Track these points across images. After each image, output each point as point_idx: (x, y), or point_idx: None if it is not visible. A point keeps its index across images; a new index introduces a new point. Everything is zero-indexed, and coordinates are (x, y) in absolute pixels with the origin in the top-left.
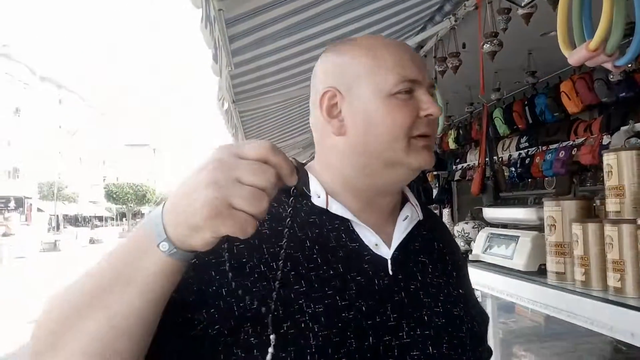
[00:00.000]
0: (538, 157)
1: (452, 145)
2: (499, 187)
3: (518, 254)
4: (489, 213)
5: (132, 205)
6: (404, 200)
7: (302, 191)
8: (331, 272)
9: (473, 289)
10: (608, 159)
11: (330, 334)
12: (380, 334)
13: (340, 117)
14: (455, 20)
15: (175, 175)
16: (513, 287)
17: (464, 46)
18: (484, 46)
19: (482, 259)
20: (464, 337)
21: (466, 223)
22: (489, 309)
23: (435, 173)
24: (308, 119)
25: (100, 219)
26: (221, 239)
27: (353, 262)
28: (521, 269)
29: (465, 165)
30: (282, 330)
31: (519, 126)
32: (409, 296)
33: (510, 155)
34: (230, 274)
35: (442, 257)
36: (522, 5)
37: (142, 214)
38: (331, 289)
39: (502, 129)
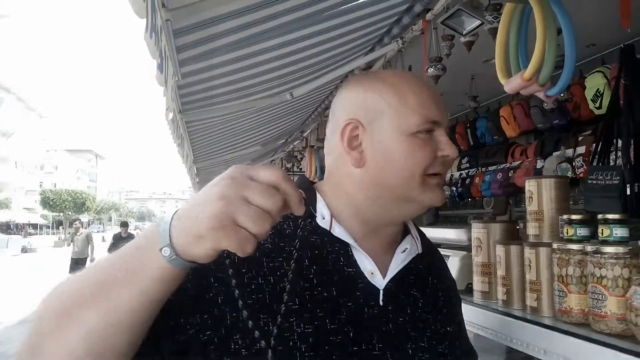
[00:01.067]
0: (478, 178)
1: None
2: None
3: None
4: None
5: (69, 213)
6: (406, 232)
7: (308, 211)
8: (325, 294)
9: (464, 326)
10: (529, 185)
11: (316, 355)
12: None
13: (361, 149)
14: (403, 44)
15: (117, 183)
16: None
17: (409, 69)
18: (428, 70)
19: None
20: None
21: None
22: None
23: None
24: (259, 130)
25: (34, 226)
26: (221, 254)
27: (347, 287)
28: None
29: None
30: (270, 347)
31: (461, 147)
32: (396, 328)
33: (452, 175)
34: (233, 281)
35: (434, 292)
36: (464, 34)
37: (81, 222)
38: (322, 311)
39: None
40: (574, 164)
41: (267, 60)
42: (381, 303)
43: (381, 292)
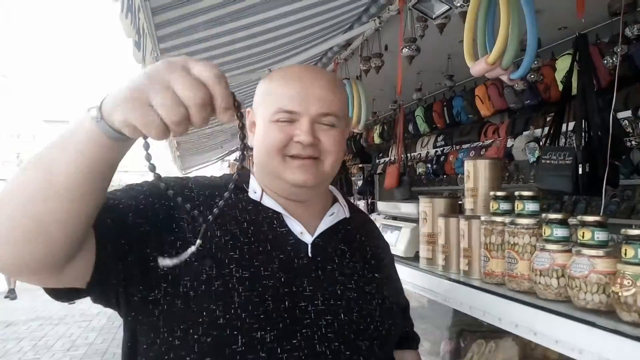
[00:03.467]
0: (452, 156)
1: (376, 139)
2: (412, 182)
3: (399, 242)
4: (381, 207)
5: None
6: (334, 201)
7: (242, 187)
8: (260, 249)
9: (399, 280)
10: (467, 165)
11: (251, 295)
12: (295, 300)
13: (254, 131)
14: (380, 23)
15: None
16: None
17: (386, 48)
18: (403, 50)
19: None
20: (373, 309)
21: (378, 214)
22: None
23: (360, 166)
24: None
25: None
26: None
27: (279, 243)
28: (401, 255)
29: (387, 159)
30: (213, 287)
31: (438, 125)
32: (325, 274)
33: (427, 153)
34: (188, 227)
35: (362, 247)
36: (433, 17)
37: None
38: (258, 261)
39: (422, 127)
40: (541, 144)
41: (246, 36)
42: (310, 255)
43: (309, 246)
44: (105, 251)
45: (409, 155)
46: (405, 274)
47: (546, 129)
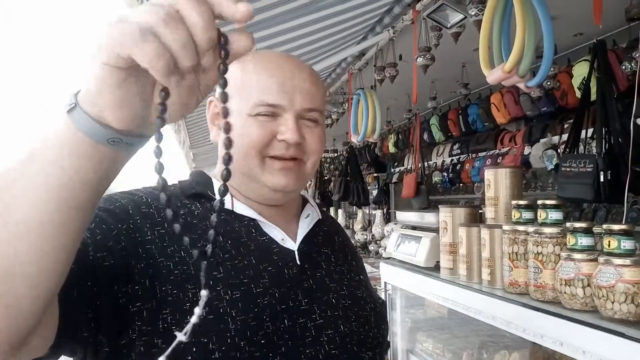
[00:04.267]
0: (468, 164)
1: (391, 149)
2: (429, 191)
3: (419, 252)
4: (401, 216)
5: None
6: (305, 203)
7: (207, 195)
8: (245, 262)
9: (369, 280)
10: (488, 174)
11: (247, 318)
12: (294, 317)
13: (218, 125)
14: (394, 33)
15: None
16: (415, 281)
17: (400, 57)
18: (418, 59)
19: (393, 256)
20: (368, 315)
21: (395, 224)
22: (398, 300)
23: (375, 175)
24: None
25: None
26: (145, 225)
27: (264, 254)
28: (421, 265)
29: (402, 168)
30: (201, 317)
31: (453, 133)
32: (316, 283)
33: (443, 161)
34: (157, 253)
35: (342, 248)
36: (448, 27)
37: None
38: (246, 277)
39: (437, 135)
40: (559, 151)
41: (261, 49)
42: (298, 262)
43: (296, 253)
44: (69, 301)
45: (425, 164)
46: (426, 284)
47: (564, 136)
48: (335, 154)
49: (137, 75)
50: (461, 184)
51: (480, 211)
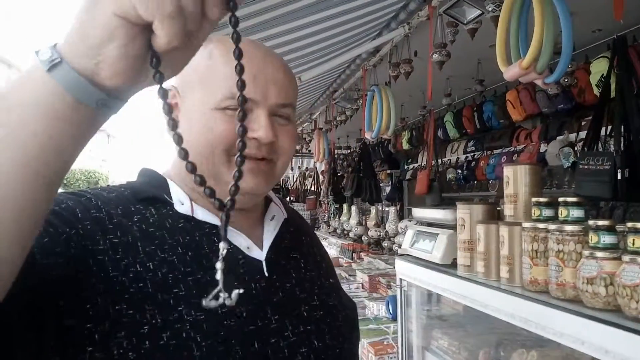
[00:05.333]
0: (483, 161)
1: (405, 145)
2: (443, 188)
3: (436, 249)
4: (417, 213)
5: None
6: (268, 201)
7: (162, 199)
8: (208, 278)
9: (337, 278)
10: (507, 171)
11: (214, 343)
12: (264, 338)
13: (178, 117)
14: (409, 29)
15: (129, 163)
16: (432, 277)
17: (415, 54)
18: (433, 56)
19: (409, 253)
20: (341, 325)
21: (409, 221)
22: (414, 297)
23: (388, 172)
24: None
25: None
26: (98, 236)
27: (228, 267)
28: (438, 262)
29: (416, 165)
30: (162, 342)
31: (468, 130)
32: (286, 295)
33: (457, 158)
34: (110, 267)
35: (310, 250)
36: (465, 23)
37: None
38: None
39: (452, 132)
40: (576, 149)
41: (274, 45)
42: (266, 274)
43: (264, 263)
44: (9, 317)
45: (439, 161)
46: (443, 281)
47: (581, 133)
48: (349, 151)
49: (143, 30)
50: (476, 182)
51: (498, 208)
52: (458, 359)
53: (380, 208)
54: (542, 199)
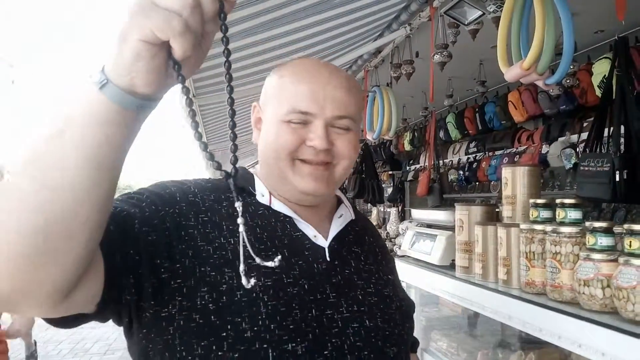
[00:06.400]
0: (484, 162)
1: (407, 146)
2: (443, 189)
3: (435, 250)
4: (416, 214)
5: None
6: (339, 202)
7: (249, 190)
8: (278, 254)
9: (399, 280)
10: (505, 172)
11: (277, 304)
12: (322, 308)
13: (259, 128)
14: (411, 30)
15: (135, 163)
16: (430, 279)
17: (417, 55)
18: (434, 57)
19: (408, 254)
20: (393, 313)
21: (410, 222)
22: (413, 298)
23: (390, 173)
24: None
25: None
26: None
27: (296, 248)
28: (437, 263)
29: (418, 166)
30: (236, 298)
31: (470, 131)
32: (344, 279)
33: (459, 159)
34: (199, 237)
35: (372, 249)
36: (466, 23)
37: None
38: (278, 268)
39: (454, 133)
40: (577, 150)
41: (279, 45)
42: (328, 259)
43: (326, 250)
44: (113, 265)
45: (440, 162)
46: (441, 283)
47: (583, 134)
48: None
49: (162, 47)
50: (477, 183)
51: (497, 210)
52: None
53: (381, 209)
54: (539, 201)
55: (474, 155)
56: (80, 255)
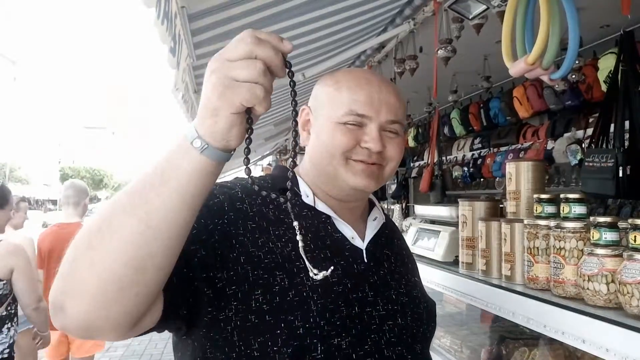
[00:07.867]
0: (489, 158)
1: (411, 143)
2: (445, 186)
3: (438, 247)
4: (419, 210)
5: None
6: (372, 205)
7: (294, 191)
8: (322, 255)
9: (421, 279)
10: (509, 167)
11: (326, 302)
12: (362, 306)
13: (309, 130)
14: (414, 25)
15: (134, 160)
16: (433, 275)
17: (420, 50)
18: (439, 52)
19: (411, 251)
20: (421, 312)
21: (413, 219)
22: None
23: None
24: (272, 111)
25: (54, 202)
26: (238, 221)
27: (337, 249)
28: (440, 259)
29: (422, 162)
30: (288, 298)
31: (474, 127)
32: (380, 279)
33: (464, 155)
34: (250, 244)
35: (400, 251)
36: (470, 18)
37: (99, 199)
38: (324, 268)
39: (458, 129)
40: (583, 146)
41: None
42: (365, 260)
43: (364, 251)
44: (172, 285)
45: (445, 158)
46: (444, 279)
47: (589, 130)
48: None
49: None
50: (482, 179)
51: (500, 205)
52: (460, 357)
53: (385, 206)
54: (543, 196)
55: (478, 151)
56: (161, 283)
